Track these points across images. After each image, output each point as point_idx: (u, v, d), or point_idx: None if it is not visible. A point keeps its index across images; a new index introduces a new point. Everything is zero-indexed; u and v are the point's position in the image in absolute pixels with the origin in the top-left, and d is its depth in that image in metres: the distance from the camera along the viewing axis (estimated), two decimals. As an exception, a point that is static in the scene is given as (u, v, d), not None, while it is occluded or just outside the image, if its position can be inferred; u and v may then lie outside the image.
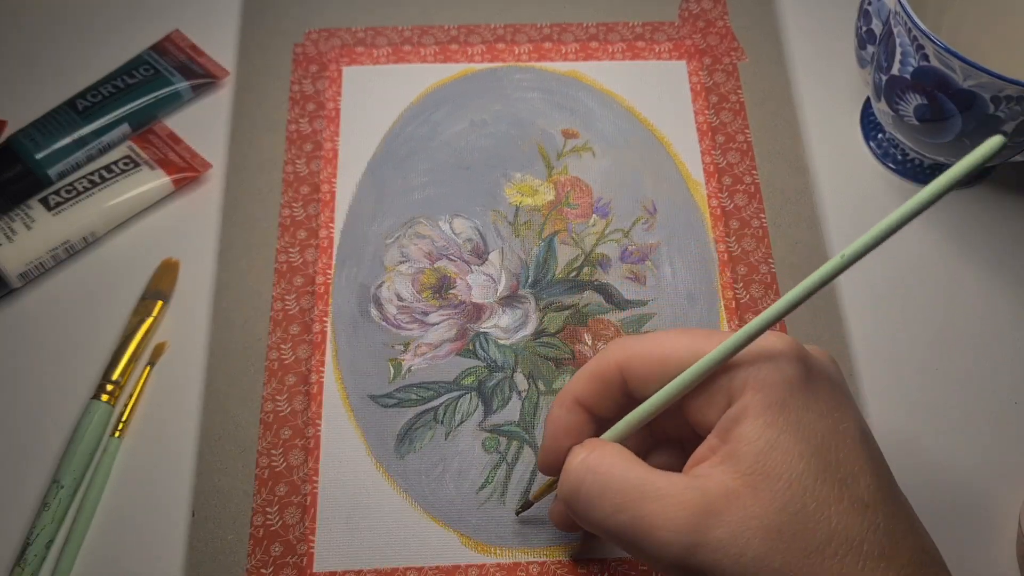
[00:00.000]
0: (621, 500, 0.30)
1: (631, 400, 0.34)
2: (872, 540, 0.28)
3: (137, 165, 0.48)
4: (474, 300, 0.45)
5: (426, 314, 0.45)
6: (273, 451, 0.41)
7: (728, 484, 0.29)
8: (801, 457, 0.29)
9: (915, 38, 0.41)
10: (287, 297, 0.45)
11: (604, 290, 0.45)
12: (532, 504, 0.39)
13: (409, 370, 0.43)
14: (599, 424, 0.35)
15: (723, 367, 0.31)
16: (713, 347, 0.31)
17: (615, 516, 0.30)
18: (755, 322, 0.30)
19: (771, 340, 0.31)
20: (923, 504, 0.41)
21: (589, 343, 0.44)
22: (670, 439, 0.36)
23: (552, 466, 0.35)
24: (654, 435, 0.36)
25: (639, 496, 0.30)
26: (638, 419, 0.33)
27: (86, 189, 0.46)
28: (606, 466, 0.31)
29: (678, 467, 0.32)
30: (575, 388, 0.35)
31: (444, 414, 0.42)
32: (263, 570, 0.39)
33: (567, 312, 0.45)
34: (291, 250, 0.46)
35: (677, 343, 0.32)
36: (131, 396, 0.43)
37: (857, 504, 0.29)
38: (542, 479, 0.41)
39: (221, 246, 0.46)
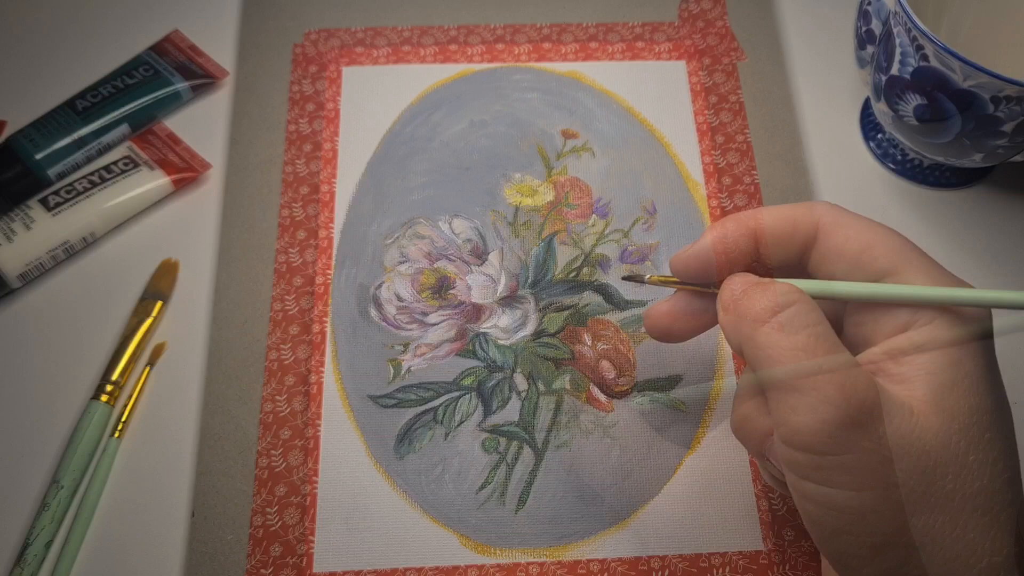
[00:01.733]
0: (815, 343, 0.29)
1: (801, 264, 0.33)
2: (1010, 513, 0.29)
3: (136, 165, 0.48)
4: (473, 300, 0.45)
5: (425, 314, 0.45)
6: (272, 451, 0.41)
7: (905, 399, 0.29)
8: (978, 410, 0.29)
9: (914, 38, 0.41)
10: (286, 297, 0.45)
11: (604, 290, 0.45)
12: (644, 281, 0.36)
13: (408, 370, 0.43)
14: (752, 264, 0.33)
15: (921, 283, 0.30)
16: (923, 267, 0.30)
17: (798, 352, 0.29)
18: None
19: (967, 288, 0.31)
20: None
21: (589, 343, 0.44)
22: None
23: (686, 271, 0.34)
24: None
25: (832, 350, 0.29)
26: (837, 293, 0.31)
27: (86, 189, 0.46)
28: (815, 313, 0.30)
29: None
30: (762, 216, 0.33)
31: (443, 414, 0.42)
32: (262, 570, 0.39)
33: (567, 312, 0.45)
34: (290, 250, 0.46)
35: (888, 241, 0.31)
36: (130, 396, 0.43)
37: (1008, 472, 0.29)
38: (541, 478, 0.41)
39: (220, 246, 0.46)
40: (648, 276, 0.36)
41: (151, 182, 0.47)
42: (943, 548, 0.28)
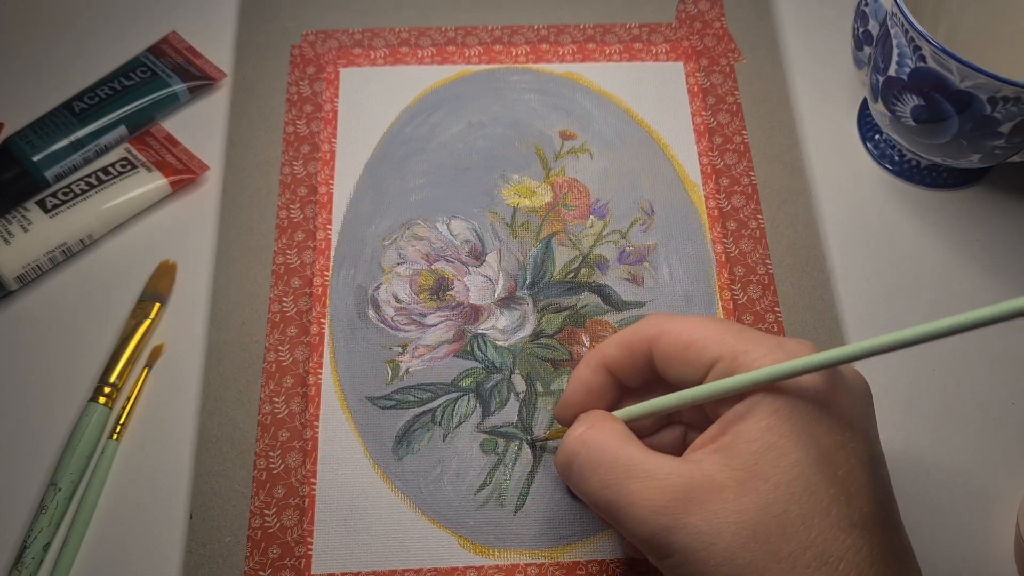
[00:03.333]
0: (608, 477, 0.31)
1: (656, 374, 0.35)
2: (850, 560, 0.29)
3: (134, 167, 0.48)
4: (472, 302, 0.45)
5: (424, 316, 0.45)
6: (271, 453, 0.41)
7: (716, 475, 0.30)
8: (796, 465, 0.29)
9: (912, 39, 0.41)
10: (285, 299, 0.45)
11: (602, 291, 0.45)
12: (546, 440, 0.41)
13: (407, 372, 0.43)
14: (621, 389, 0.36)
15: (739, 363, 0.31)
16: (740, 350, 0.31)
17: (601, 491, 0.32)
18: (809, 360, 0.30)
19: (798, 347, 0.31)
20: (921, 504, 0.42)
21: (587, 344, 0.44)
22: (684, 421, 0.37)
23: (566, 419, 0.37)
24: (670, 415, 0.37)
25: (625, 475, 0.31)
26: (654, 410, 0.34)
27: (83, 191, 0.46)
28: (600, 443, 0.33)
29: (680, 440, 0.34)
30: (605, 351, 0.35)
31: (442, 416, 0.42)
32: (261, 572, 0.39)
33: (565, 313, 0.45)
34: (288, 252, 0.46)
35: (707, 331, 0.33)
36: (128, 398, 0.43)
37: (844, 523, 0.29)
38: (540, 479, 0.41)
39: (219, 248, 0.46)
40: (547, 433, 0.42)
41: (149, 184, 0.47)
42: None
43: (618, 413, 0.35)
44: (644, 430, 0.37)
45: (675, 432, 0.37)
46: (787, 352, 0.31)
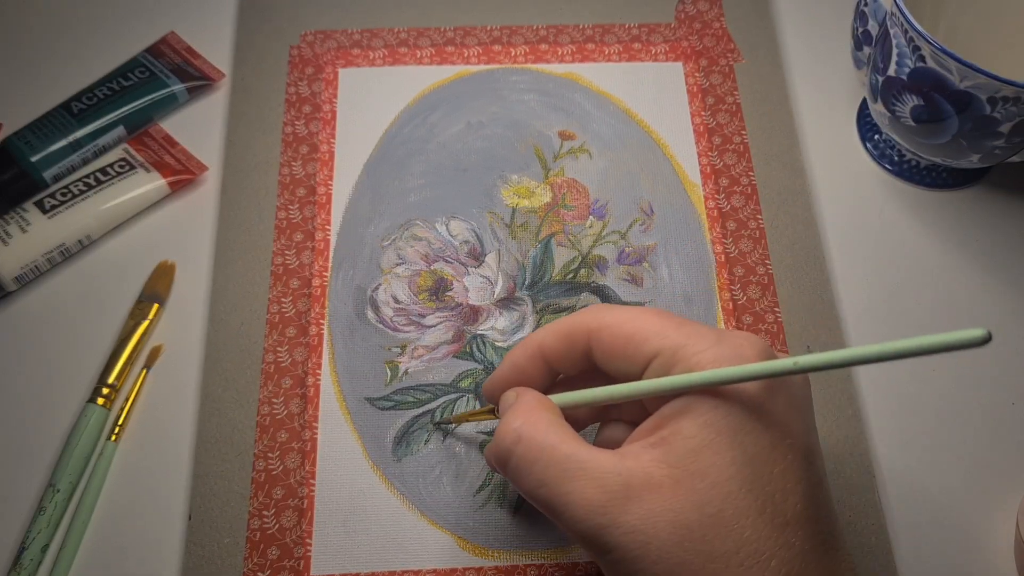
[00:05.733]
0: (545, 476, 0.31)
1: (592, 364, 0.34)
2: (782, 558, 0.28)
3: (133, 168, 0.48)
4: (471, 302, 0.45)
5: (423, 316, 0.45)
6: (270, 454, 0.41)
7: (652, 472, 0.29)
8: (732, 464, 0.29)
9: (911, 39, 0.41)
10: (283, 300, 0.45)
11: (601, 292, 0.45)
12: (450, 424, 0.41)
13: (406, 372, 0.43)
14: (553, 376, 0.36)
15: (678, 357, 0.31)
16: (681, 344, 0.31)
17: (538, 490, 0.31)
18: (750, 368, 0.29)
19: (740, 341, 0.31)
20: (921, 504, 0.41)
21: (586, 345, 0.44)
22: (621, 412, 0.36)
23: (493, 398, 0.36)
24: (605, 406, 0.36)
25: (561, 474, 0.30)
26: (591, 400, 0.33)
27: (81, 192, 0.46)
28: (536, 439, 0.32)
29: (623, 440, 0.33)
30: (542, 338, 0.35)
31: (441, 417, 0.42)
32: (260, 573, 0.39)
33: (564, 314, 0.45)
34: (287, 252, 0.46)
35: (648, 325, 0.32)
36: (127, 400, 0.43)
37: (778, 520, 0.29)
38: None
39: (217, 249, 0.46)
40: (452, 418, 0.41)
41: (147, 184, 0.47)
42: None
43: (554, 398, 0.34)
44: (579, 421, 0.37)
45: (619, 430, 0.36)
46: (728, 346, 0.31)
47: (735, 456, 0.29)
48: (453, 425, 0.42)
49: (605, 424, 0.36)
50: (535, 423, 0.32)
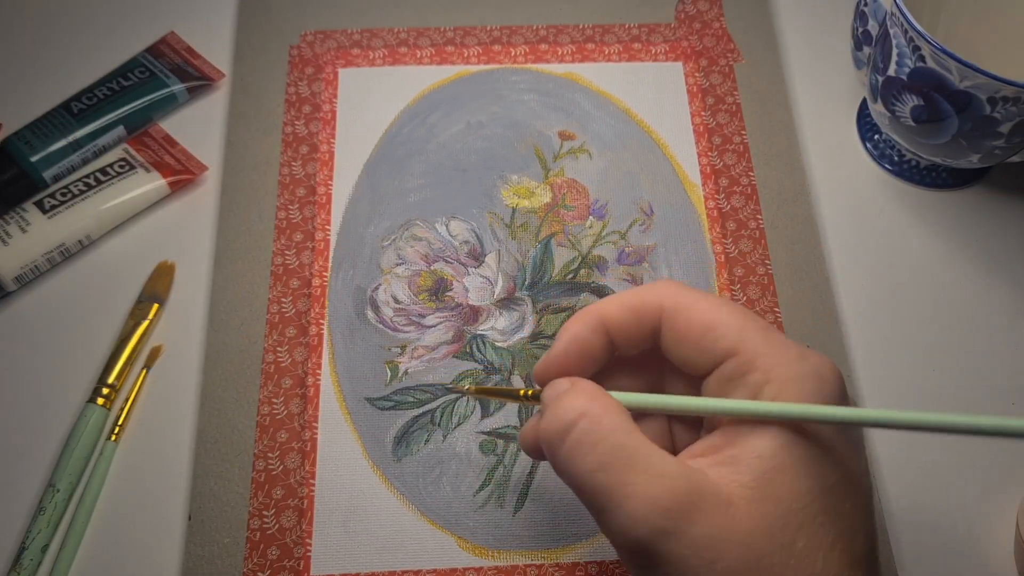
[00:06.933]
0: (610, 459, 0.28)
1: (656, 346, 0.32)
2: None
3: (132, 168, 0.48)
4: (471, 302, 0.45)
5: (423, 316, 0.45)
6: (269, 454, 0.41)
7: (724, 487, 0.27)
8: (808, 493, 0.27)
9: (911, 39, 0.41)
10: (283, 300, 0.45)
11: (601, 292, 0.45)
12: (471, 391, 0.35)
13: (406, 373, 0.43)
14: (611, 355, 0.33)
15: (756, 364, 0.29)
16: (761, 352, 0.29)
17: (596, 474, 0.28)
18: (842, 411, 0.28)
19: (821, 363, 0.29)
20: (922, 505, 0.41)
21: (586, 345, 0.44)
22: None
23: (548, 380, 0.32)
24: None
25: (629, 461, 0.28)
26: (663, 407, 0.31)
27: (81, 192, 0.46)
28: (604, 421, 0.29)
29: (661, 444, 0.31)
30: (606, 310, 0.32)
31: (441, 417, 0.42)
32: (260, 573, 0.39)
33: (564, 314, 0.45)
34: (287, 252, 0.46)
35: (731, 319, 0.30)
36: (127, 400, 0.43)
37: (846, 557, 0.27)
38: (539, 480, 0.41)
39: (217, 249, 0.46)
40: (467, 387, 0.36)
41: (147, 184, 0.47)
42: None
43: (619, 397, 0.30)
44: None
45: (659, 423, 0.33)
46: (811, 365, 0.29)
47: (811, 486, 0.27)
48: (467, 388, 0.36)
49: (645, 417, 0.33)
50: (604, 406, 0.29)
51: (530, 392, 0.33)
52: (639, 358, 0.33)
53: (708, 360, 0.30)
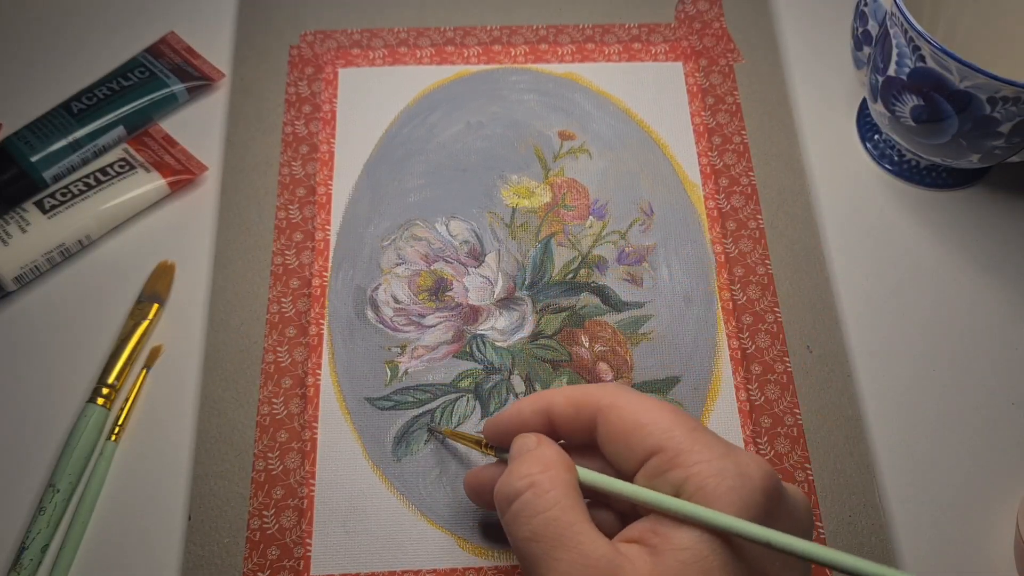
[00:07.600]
0: (543, 532, 0.30)
1: (594, 441, 0.33)
2: None
3: (132, 168, 0.48)
4: (471, 302, 0.45)
5: (423, 316, 0.45)
6: (269, 454, 0.41)
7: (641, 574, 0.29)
8: None
9: (911, 39, 0.41)
10: (283, 300, 0.45)
11: (601, 292, 0.45)
12: (442, 435, 0.41)
13: (406, 372, 0.43)
14: (555, 438, 0.35)
15: (679, 461, 0.30)
16: (685, 448, 0.30)
17: (529, 543, 0.30)
18: (778, 536, 0.29)
19: (747, 460, 0.30)
20: (921, 505, 0.41)
21: (586, 345, 0.44)
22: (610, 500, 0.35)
23: (494, 440, 0.36)
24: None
25: (559, 538, 0.30)
26: (616, 491, 0.32)
27: (81, 192, 0.46)
28: (551, 493, 0.31)
29: (608, 522, 0.33)
30: (553, 400, 0.34)
31: (441, 417, 0.42)
32: (260, 573, 0.39)
33: (564, 314, 0.45)
34: (287, 252, 0.46)
35: (659, 418, 0.31)
36: (127, 400, 0.43)
37: None
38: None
39: (217, 249, 0.46)
40: (444, 428, 0.41)
41: (147, 184, 0.47)
42: None
43: (580, 472, 0.33)
44: None
45: (606, 516, 0.35)
46: (733, 463, 0.30)
47: None
48: (442, 436, 0.41)
49: (593, 506, 0.35)
50: (553, 477, 0.31)
51: (485, 443, 0.37)
52: (588, 453, 0.35)
53: (636, 456, 0.32)
